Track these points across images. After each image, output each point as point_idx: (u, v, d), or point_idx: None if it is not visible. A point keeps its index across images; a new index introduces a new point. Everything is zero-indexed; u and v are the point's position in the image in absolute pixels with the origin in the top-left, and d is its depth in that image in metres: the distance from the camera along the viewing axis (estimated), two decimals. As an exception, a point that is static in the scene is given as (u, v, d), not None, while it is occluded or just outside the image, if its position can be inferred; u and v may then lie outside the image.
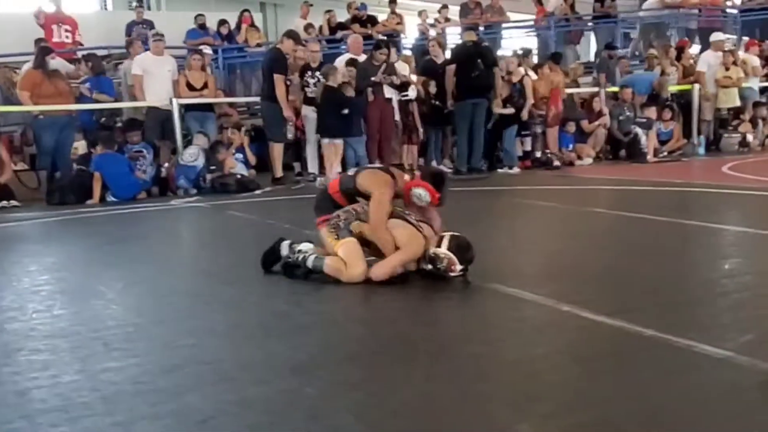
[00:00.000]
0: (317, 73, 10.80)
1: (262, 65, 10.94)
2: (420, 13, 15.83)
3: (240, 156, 10.73)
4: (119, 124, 10.92)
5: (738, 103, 13.91)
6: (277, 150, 10.66)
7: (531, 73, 11.96)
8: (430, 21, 15.81)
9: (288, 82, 10.54)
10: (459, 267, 4.14)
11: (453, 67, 11.16)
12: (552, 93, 12.13)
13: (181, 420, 2.46)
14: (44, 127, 9.85)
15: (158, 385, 2.80)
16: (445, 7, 16.01)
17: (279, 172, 10.67)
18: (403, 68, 11.58)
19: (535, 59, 13.69)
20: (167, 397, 2.66)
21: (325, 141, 10.45)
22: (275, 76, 10.28)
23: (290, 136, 10.72)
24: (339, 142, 10.42)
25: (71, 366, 3.04)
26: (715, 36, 14.35)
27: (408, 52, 14.07)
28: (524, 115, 11.43)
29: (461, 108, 11.12)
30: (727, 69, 13.63)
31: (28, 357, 3.19)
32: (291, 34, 10.92)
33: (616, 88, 13.31)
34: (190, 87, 10.85)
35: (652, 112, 12.69)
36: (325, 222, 4.43)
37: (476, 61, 11.07)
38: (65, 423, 2.47)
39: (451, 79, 11.16)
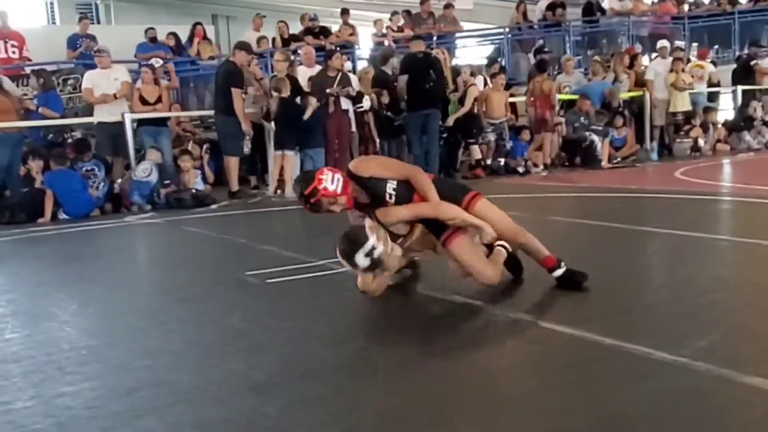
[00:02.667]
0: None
1: (215, 78, 10.85)
2: (375, 23, 15.84)
3: (198, 171, 10.63)
4: (69, 140, 10.76)
5: (690, 107, 14.15)
6: (233, 164, 10.59)
7: (477, 81, 12.14)
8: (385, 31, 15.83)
9: (243, 95, 10.49)
10: None
11: (405, 77, 11.21)
12: (542, 100, 12.29)
13: (137, 445, 2.42)
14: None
15: (114, 408, 2.75)
16: (397, 13, 16.03)
17: (235, 186, 10.60)
18: (354, 79, 11.58)
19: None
20: (123, 421, 2.61)
21: (278, 153, 10.40)
22: (233, 90, 10.24)
23: (247, 150, 10.65)
24: (292, 153, 10.41)
25: (24, 392, 2.97)
26: (661, 43, 14.60)
27: (365, 64, 14.07)
28: (449, 122, 11.69)
29: (413, 119, 11.18)
30: (677, 73, 13.86)
31: (-21, 383, 3.12)
32: (243, 46, 10.87)
33: (570, 96, 13.44)
34: (144, 101, 10.73)
35: (605, 119, 12.86)
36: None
37: (428, 71, 11.15)
38: (18, 451, 2.41)
39: (403, 90, 11.22)
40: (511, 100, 13.09)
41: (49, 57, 12.66)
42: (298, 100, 10.36)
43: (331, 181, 4.03)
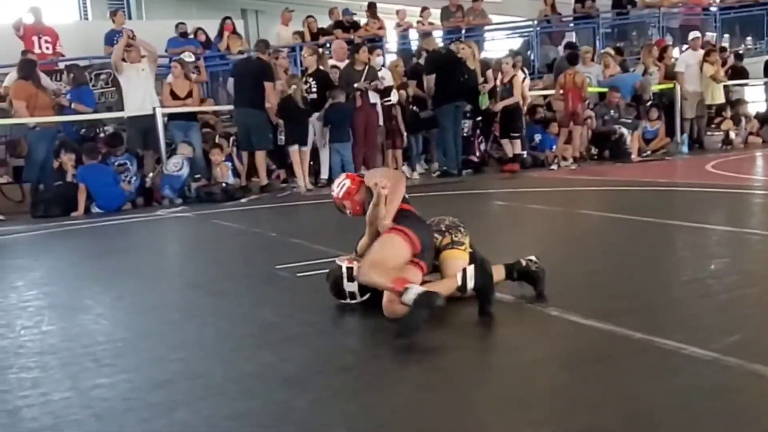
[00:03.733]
0: (311, 80, 11.01)
1: (240, 73, 10.98)
2: (398, 13, 15.83)
3: (228, 164, 10.71)
4: (101, 135, 10.87)
5: (724, 99, 14.01)
6: (261, 157, 10.68)
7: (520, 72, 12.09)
8: (409, 21, 15.82)
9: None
10: None
11: (433, 77, 11.37)
12: (573, 93, 12.26)
13: (173, 436, 2.47)
14: (39, 139, 9.88)
15: (149, 400, 2.80)
16: (426, 9, 16.01)
17: (264, 180, 10.68)
18: (385, 73, 11.62)
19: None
20: (159, 413, 2.66)
21: (294, 148, 10.53)
22: (267, 84, 10.39)
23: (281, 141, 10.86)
24: (304, 149, 10.53)
25: (62, 383, 3.04)
26: (692, 35, 14.45)
27: (394, 57, 14.08)
28: (497, 107, 11.54)
29: (446, 111, 11.22)
30: (712, 64, 13.71)
31: (18, 375, 3.18)
32: (267, 45, 11.19)
33: (599, 89, 13.36)
34: (174, 96, 10.83)
35: (632, 112, 12.76)
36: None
37: (457, 64, 11.29)
38: (57, 441, 2.47)
39: (431, 88, 11.36)
40: (541, 92, 13.03)
41: (81, 52, 12.78)
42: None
43: (337, 186, 4.17)
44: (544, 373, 2.87)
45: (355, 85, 10.85)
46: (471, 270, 3.75)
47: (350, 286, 3.91)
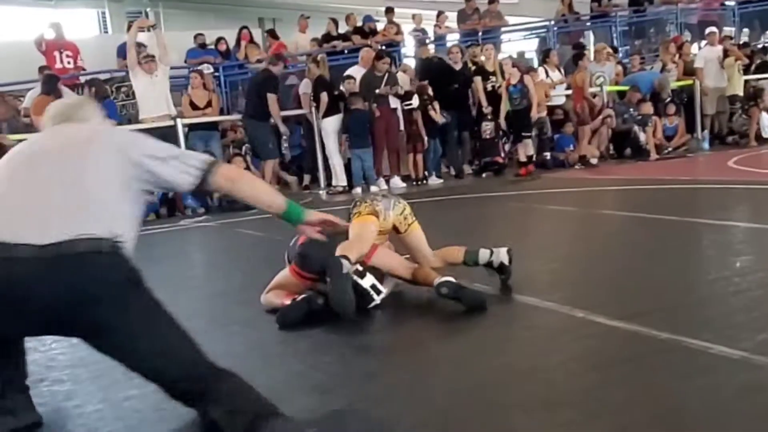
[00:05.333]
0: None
1: (249, 85, 11.15)
2: (414, 17, 15.87)
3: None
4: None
5: (741, 91, 13.90)
6: (268, 167, 10.80)
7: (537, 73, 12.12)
8: (425, 26, 15.84)
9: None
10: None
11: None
12: (576, 92, 12.27)
13: (207, 445, 2.49)
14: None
15: (181, 411, 2.81)
16: (442, 13, 16.03)
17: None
18: (404, 79, 11.70)
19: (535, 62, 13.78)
20: (191, 424, 2.68)
21: None
22: (269, 95, 10.55)
23: (285, 151, 10.95)
24: None
25: (94, 395, 3.08)
26: (710, 30, 14.37)
27: (408, 61, 14.13)
28: (534, 114, 11.44)
29: None
30: (732, 55, 13.65)
31: (51, 387, 3.23)
32: (280, 58, 11.47)
33: (619, 87, 13.32)
34: (194, 106, 10.92)
35: (648, 108, 12.67)
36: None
37: (450, 74, 11.71)
38: (92, 453, 2.50)
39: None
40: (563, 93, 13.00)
41: (102, 66, 12.91)
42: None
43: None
44: (572, 375, 2.88)
45: (377, 90, 10.90)
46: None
47: (368, 281, 3.93)
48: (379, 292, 3.95)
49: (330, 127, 11.09)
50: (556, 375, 2.87)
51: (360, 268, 3.96)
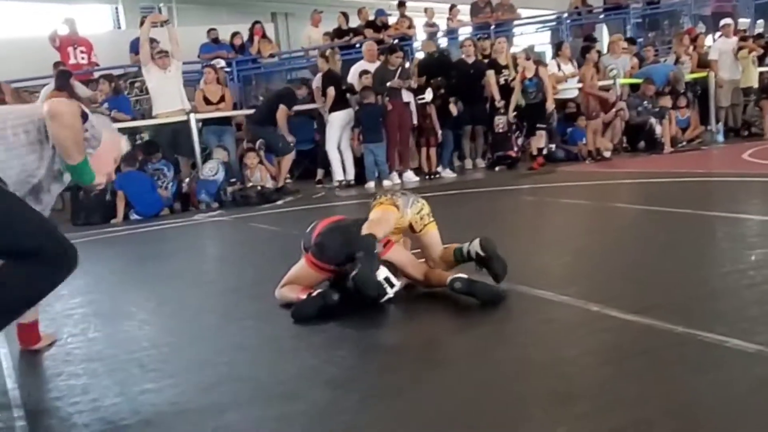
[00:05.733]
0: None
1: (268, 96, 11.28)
2: (426, 11, 15.84)
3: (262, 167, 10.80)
4: (138, 143, 11.01)
5: (756, 83, 13.82)
6: (285, 162, 10.84)
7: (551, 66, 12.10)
8: (437, 20, 15.82)
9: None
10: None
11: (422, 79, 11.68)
12: (584, 86, 12.30)
13: (222, 439, 2.51)
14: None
15: (197, 404, 2.85)
16: (454, 6, 16.01)
17: (281, 182, 10.79)
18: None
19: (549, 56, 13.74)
20: (207, 417, 2.71)
21: None
22: (281, 106, 10.69)
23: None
24: None
25: (110, 389, 3.10)
26: (724, 22, 14.29)
27: (421, 55, 14.14)
28: (549, 106, 11.40)
29: None
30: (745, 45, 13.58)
31: (68, 382, 3.26)
32: (304, 81, 12.13)
33: (633, 80, 13.26)
34: (207, 101, 10.96)
35: (666, 101, 12.64)
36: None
37: (451, 68, 11.90)
38: (109, 447, 2.53)
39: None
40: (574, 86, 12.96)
41: (115, 61, 12.97)
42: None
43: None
44: (587, 368, 2.88)
45: (388, 84, 10.90)
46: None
47: (382, 273, 3.92)
48: (392, 285, 3.95)
49: (337, 121, 11.10)
50: (570, 368, 2.87)
51: (393, 279, 3.96)
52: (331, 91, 11.04)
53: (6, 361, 3.62)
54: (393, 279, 3.96)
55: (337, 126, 11.06)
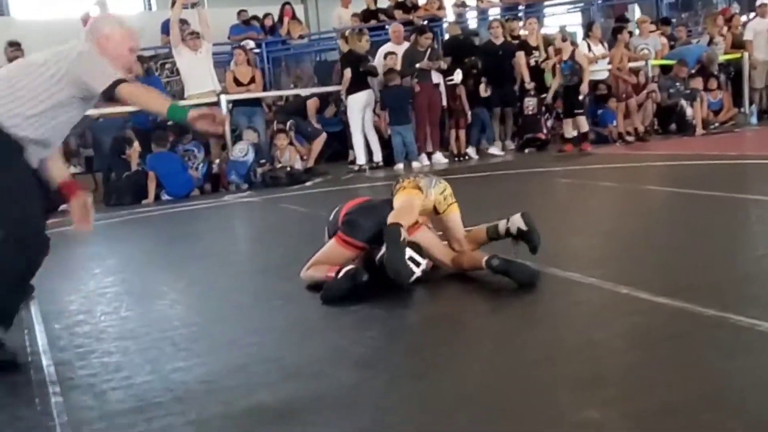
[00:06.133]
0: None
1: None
2: None
3: (292, 148, 10.82)
4: (169, 124, 11.05)
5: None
6: (318, 144, 10.89)
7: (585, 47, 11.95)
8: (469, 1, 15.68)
9: None
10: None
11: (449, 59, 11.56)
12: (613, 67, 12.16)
13: (253, 418, 2.54)
14: (103, 130, 10.16)
15: (228, 383, 2.88)
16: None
17: (312, 163, 10.85)
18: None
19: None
20: (237, 395, 2.74)
21: None
22: (310, 101, 11.01)
23: None
24: None
25: (143, 367, 3.14)
26: (760, 1, 14.04)
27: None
28: (584, 89, 11.27)
29: None
30: None
31: (101, 359, 3.30)
32: None
33: (665, 61, 13.09)
34: (237, 82, 10.98)
35: (698, 83, 12.47)
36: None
37: (474, 50, 11.81)
38: (142, 423, 2.56)
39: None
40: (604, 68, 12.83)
41: (146, 43, 12.97)
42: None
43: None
44: (616, 351, 2.88)
45: (418, 65, 10.85)
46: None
47: (408, 252, 3.90)
48: (418, 264, 3.95)
49: (355, 104, 11.03)
50: (600, 351, 2.87)
51: (417, 258, 3.96)
52: (347, 73, 10.98)
53: (41, 339, 3.69)
54: (418, 258, 3.96)
55: (357, 109, 10.99)
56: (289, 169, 10.24)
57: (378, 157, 11.14)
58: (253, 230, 7.55)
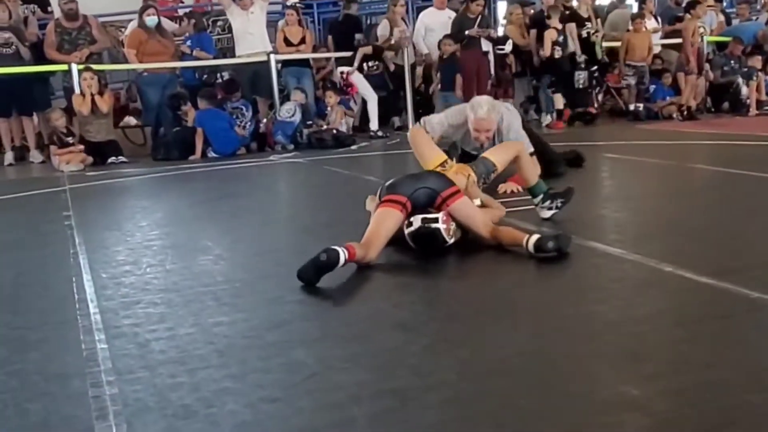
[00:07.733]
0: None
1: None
2: None
3: (343, 107, 10.84)
4: (218, 81, 11.11)
5: None
6: (373, 105, 10.82)
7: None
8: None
9: None
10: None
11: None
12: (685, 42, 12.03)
13: (290, 374, 2.57)
14: (148, 84, 10.26)
15: (267, 339, 2.92)
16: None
17: (374, 126, 10.83)
18: (513, 31, 11.61)
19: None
20: (276, 352, 2.77)
21: None
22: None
23: None
24: None
25: (186, 319, 3.20)
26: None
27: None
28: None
29: None
30: None
31: (146, 310, 3.37)
32: None
33: (720, 38, 12.83)
34: (288, 43, 10.99)
35: (756, 62, 12.20)
36: None
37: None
38: (183, 374, 2.61)
39: None
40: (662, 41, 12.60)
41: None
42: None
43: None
44: (657, 329, 2.86)
45: (467, 32, 10.76)
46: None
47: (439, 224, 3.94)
48: (435, 221, 3.97)
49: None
50: (642, 328, 2.85)
51: (431, 216, 3.98)
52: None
53: (89, 288, 3.77)
54: (446, 236, 3.95)
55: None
56: (335, 131, 10.25)
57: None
58: (297, 190, 7.60)
